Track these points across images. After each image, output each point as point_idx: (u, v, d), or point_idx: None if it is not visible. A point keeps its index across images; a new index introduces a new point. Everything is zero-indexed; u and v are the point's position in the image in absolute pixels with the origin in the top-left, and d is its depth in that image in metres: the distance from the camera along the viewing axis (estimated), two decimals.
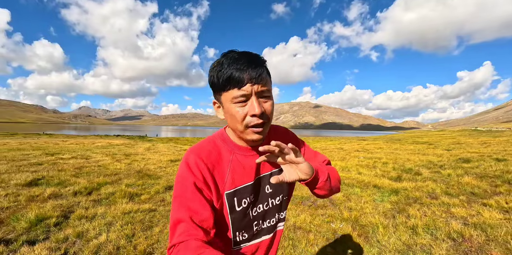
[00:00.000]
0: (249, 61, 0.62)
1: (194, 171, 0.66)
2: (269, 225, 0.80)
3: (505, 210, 2.89)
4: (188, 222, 0.61)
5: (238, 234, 0.74)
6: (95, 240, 1.95)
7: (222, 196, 0.69)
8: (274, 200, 0.79)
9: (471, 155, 8.49)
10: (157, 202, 3.04)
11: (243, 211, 0.72)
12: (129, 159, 7.23)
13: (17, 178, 4.21)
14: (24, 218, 2.34)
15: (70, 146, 12.15)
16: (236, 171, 0.71)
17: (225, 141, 0.73)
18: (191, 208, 0.63)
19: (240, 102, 0.63)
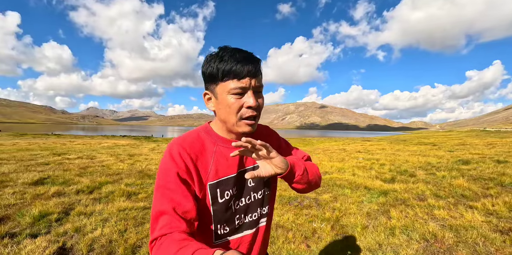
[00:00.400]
0: (248, 57, 0.66)
1: (177, 161, 0.66)
2: (251, 219, 0.80)
3: (489, 212, 2.97)
4: (171, 214, 0.61)
5: (219, 227, 0.74)
6: (90, 234, 2.13)
7: (205, 186, 0.69)
8: (256, 194, 0.79)
9: (472, 157, 8.48)
10: (151, 201, 3.23)
11: (225, 203, 0.72)
12: (133, 159, 7.45)
13: (24, 177, 4.43)
14: (28, 214, 2.53)
15: (77, 146, 12.44)
16: (220, 163, 0.72)
17: (208, 133, 0.75)
18: (174, 199, 0.63)
19: (237, 94, 0.65)
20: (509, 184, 4.25)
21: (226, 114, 0.68)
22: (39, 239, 1.99)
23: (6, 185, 3.96)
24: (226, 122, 0.70)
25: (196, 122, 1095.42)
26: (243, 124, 0.68)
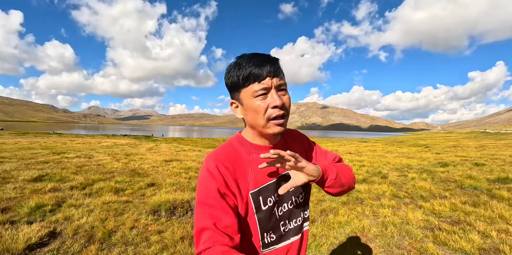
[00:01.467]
0: (265, 58, 0.67)
1: (216, 176, 0.67)
2: (296, 225, 0.80)
3: (433, 212, 3.31)
4: (212, 229, 0.62)
5: (266, 236, 0.73)
6: (77, 221, 2.54)
7: (247, 196, 0.70)
8: (297, 198, 0.80)
9: (454, 159, 8.83)
10: (136, 196, 3.62)
11: (269, 210, 0.72)
12: (128, 158, 7.77)
13: (24, 174, 4.78)
14: (26, 205, 2.94)
15: (77, 145, 12.74)
16: (258, 170, 0.72)
17: (242, 143, 0.75)
18: (214, 215, 0.64)
19: (260, 95, 0.66)
20: (468, 186, 4.61)
21: (254, 118, 0.69)
22: (34, 225, 2.39)
23: (8, 181, 4.32)
24: (256, 126, 0.70)
25: (197, 122, 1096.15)
26: (272, 125, 0.68)
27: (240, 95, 0.69)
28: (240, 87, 0.68)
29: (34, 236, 2.15)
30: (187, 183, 4.50)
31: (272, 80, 0.66)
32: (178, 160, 7.79)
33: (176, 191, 3.83)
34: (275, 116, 0.67)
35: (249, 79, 0.65)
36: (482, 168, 6.81)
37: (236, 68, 0.67)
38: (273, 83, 0.66)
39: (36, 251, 2.03)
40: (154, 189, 4.00)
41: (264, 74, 0.65)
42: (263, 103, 0.66)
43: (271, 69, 0.66)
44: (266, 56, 0.68)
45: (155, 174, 5.32)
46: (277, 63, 0.68)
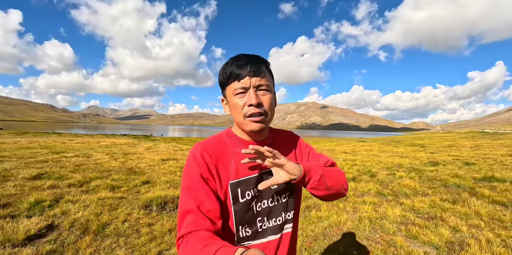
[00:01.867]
0: (249, 59, 0.71)
1: (199, 162, 0.70)
2: (275, 224, 0.79)
3: (412, 208, 3.47)
4: (195, 213, 0.64)
5: (241, 228, 0.74)
6: (73, 215, 2.71)
7: (226, 186, 0.72)
8: (279, 198, 0.79)
9: (446, 159, 9.01)
10: (131, 193, 3.79)
11: (246, 204, 0.74)
12: (126, 157, 7.93)
13: (24, 173, 4.94)
14: (26, 201, 3.11)
15: (76, 145, 12.89)
16: (240, 163, 0.74)
17: (229, 136, 0.79)
18: (198, 198, 0.66)
19: (239, 94, 0.70)
20: (452, 184, 4.79)
21: (235, 115, 0.73)
22: (33, 219, 2.57)
23: (8, 179, 4.48)
24: (237, 123, 0.75)
25: (196, 121, 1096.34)
26: (248, 122, 0.71)
27: (225, 92, 0.74)
28: (225, 85, 0.72)
29: (33, 228, 2.32)
30: (179, 180, 4.68)
31: (251, 80, 0.69)
32: (175, 159, 7.96)
33: (169, 188, 4.01)
34: (250, 113, 0.70)
35: (231, 77, 0.70)
36: (472, 167, 6.99)
37: (223, 67, 0.72)
38: (251, 83, 0.69)
39: (35, 241, 2.20)
40: (149, 187, 4.17)
41: (243, 74, 0.68)
42: (241, 101, 0.70)
43: (251, 69, 0.69)
44: (250, 57, 0.71)
45: (151, 173, 5.49)
46: (259, 64, 0.71)
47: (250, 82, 0.69)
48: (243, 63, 0.69)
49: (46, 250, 2.03)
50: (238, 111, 0.71)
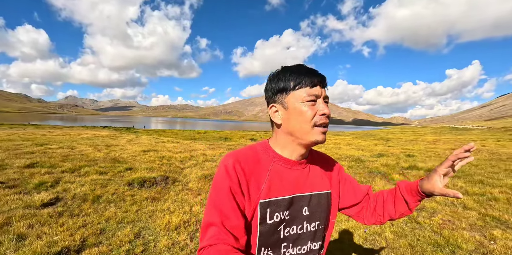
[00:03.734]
0: (315, 70, 0.71)
1: (231, 174, 0.67)
2: (299, 253, 0.76)
3: None
4: (219, 227, 0.63)
5: (263, 250, 0.71)
6: (73, 191, 3.59)
7: (256, 204, 0.68)
8: (309, 225, 0.76)
9: (395, 151, 10.32)
10: (116, 177, 4.65)
11: (274, 226, 0.70)
12: (109, 149, 8.49)
13: (17, 162, 5.50)
14: (31, 182, 3.91)
15: (57, 137, 13.07)
16: (274, 182, 0.70)
17: (267, 151, 0.75)
18: (223, 213, 0.65)
19: (310, 101, 0.67)
20: (375, 171, 5.97)
21: (299, 122, 0.68)
22: (42, 193, 3.41)
23: (5, 167, 5.08)
24: (297, 132, 0.69)
25: (180, 113, 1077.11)
26: (317, 131, 0.68)
27: (287, 98, 0.69)
28: (289, 90, 0.68)
29: (45, 199, 3.19)
30: (158, 167, 5.57)
31: (322, 89, 0.69)
32: (156, 150, 8.67)
33: (148, 173, 4.90)
34: (321, 123, 0.67)
35: (301, 83, 0.67)
36: (410, 158, 8.29)
37: (288, 73, 0.69)
38: (322, 93, 0.69)
39: (49, 206, 3.08)
40: (131, 172, 5.03)
41: (316, 82, 0.68)
42: (312, 109, 0.67)
43: (322, 79, 0.70)
44: (315, 69, 0.72)
45: (133, 161, 6.30)
46: (325, 78, 0.72)
47: (321, 91, 0.69)
48: (314, 72, 0.69)
49: (59, 210, 2.92)
50: (306, 119, 0.67)
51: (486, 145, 13.92)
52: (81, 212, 2.95)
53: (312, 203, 0.76)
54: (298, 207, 0.74)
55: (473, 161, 5.35)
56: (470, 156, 0.66)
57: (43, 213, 2.82)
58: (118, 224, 2.69)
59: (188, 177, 4.91)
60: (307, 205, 0.75)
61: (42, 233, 2.35)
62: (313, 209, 0.76)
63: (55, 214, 2.82)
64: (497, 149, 11.40)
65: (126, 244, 2.27)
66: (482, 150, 10.94)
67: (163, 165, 5.95)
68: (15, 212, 2.80)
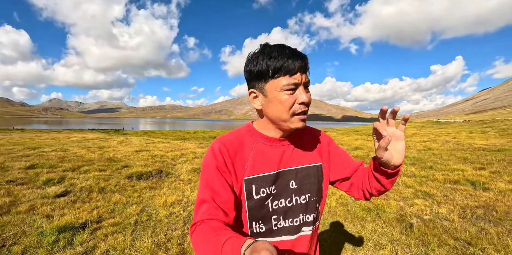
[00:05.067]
0: (297, 52, 0.67)
1: (217, 155, 0.72)
2: (292, 225, 0.79)
3: None
4: (210, 203, 0.68)
5: (254, 224, 0.76)
6: (80, 185, 4.17)
7: (241, 181, 0.73)
8: (298, 198, 0.79)
9: (371, 145, 11.07)
10: (115, 173, 5.22)
11: (260, 201, 0.74)
12: (102, 150, 8.82)
13: (17, 164, 5.82)
14: (39, 180, 4.43)
15: (47, 141, 13.15)
16: (258, 159, 0.75)
17: (250, 132, 0.79)
18: (214, 189, 0.70)
19: (289, 90, 0.65)
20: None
21: (278, 111, 0.68)
22: (52, 187, 3.97)
23: (7, 169, 5.46)
24: (277, 120, 0.71)
25: (169, 114, 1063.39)
26: (296, 120, 0.69)
27: (266, 85, 0.68)
28: (268, 78, 0.67)
29: (57, 191, 3.76)
30: (152, 164, 6.16)
31: (302, 76, 0.66)
32: (148, 150, 9.15)
33: (144, 168, 5.49)
34: (300, 111, 0.68)
35: (281, 71, 0.64)
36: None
37: (267, 57, 0.65)
38: (302, 79, 0.66)
39: (61, 197, 3.65)
40: (128, 169, 5.59)
41: (296, 68, 0.64)
42: (291, 97, 0.66)
43: (302, 64, 0.66)
44: (296, 50, 0.68)
45: (128, 160, 6.83)
46: (307, 59, 0.68)
47: (301, 78, 0.66)
48: (294, 56, 0.65)
49: (72, 199, 3.51)
50: (286, 107, 0.67)
51: (457, 137, 15.00)
52: (91, 199, 3.56)
53: (300, 177, 0.78)
54: (285, 181, 0.77)
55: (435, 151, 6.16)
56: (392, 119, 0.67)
57: (60, 201, 3.41)
58: (125, 205, 3.34)
59: (179, 171, 5.53)
60: (294, 178, 0.78)
61: (65, 213, 2.96)
62: (301, 182, 0.78)
63: (70, 201, 3.42)
64: (465, 140, 12.41)
65: (134, 216, 2.94)
66: (450, 141, 11.95)
67: (156, 162, 6.53)
68: (36, 201, 3.37)
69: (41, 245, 2.29)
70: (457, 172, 4.98)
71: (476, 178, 4.46)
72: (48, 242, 2.32)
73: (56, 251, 2.21)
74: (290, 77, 0.65)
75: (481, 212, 3.04)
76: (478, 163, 5.96)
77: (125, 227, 2.71)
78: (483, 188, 3.99)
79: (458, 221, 2.83)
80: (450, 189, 3.98)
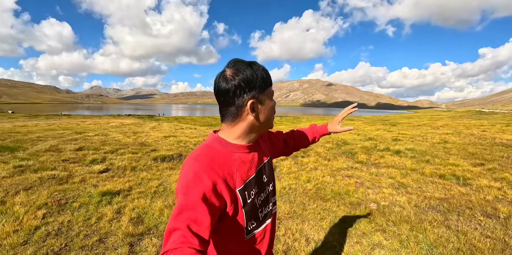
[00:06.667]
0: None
1: (204, 179, 0.69)
2: (268, 209, 0.93)
3: (299, 164, 5.93)
4: (184, 230, 0.63)
5: (249, 224, 0.84)
6: (117, 164, 5.23)
7: (235, 193, 0.77)
8: (268, 187, 0.93)
9: (388, 136, 11.06)
10: (145, 155, 6.26)
11: (252, 202, 0.83)
12: (136, 136, 9.95)
13: (68, 147, 6.99)
14: (87, 159, 5.56)
15: (90, 126, 14.87)
16: (241, 168, 0.81)
17: (222, 144, 0.80)
18: (191, 217, 0.65)
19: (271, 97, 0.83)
20: (347, 151, 7.11)
21: (269, 116, 0.82)
22: (97, 165, 5.07)
23: (61, 151, 6.71)
24: (266, 124, 0.84)
25: (199, 100, 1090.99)
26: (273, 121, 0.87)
27: (264, 93, 0.77)
28: (263, 89, 0.77)
29: (101, 168, 4.84)
30: (175, 148, 7.15)
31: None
32: (175, 136, 10.11)
33: (168, 152, 6.48)
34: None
35: (269, 82, 0.79)
36: (393, 142, 9.17)
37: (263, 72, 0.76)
38: None
39: (103, 173, 4.70)
40: (155, 152, 6.61)
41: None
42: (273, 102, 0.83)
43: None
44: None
45: (156, 145, 7.88)
46: None
47: None
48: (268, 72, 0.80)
49: (111, 174, 4.56)
50: (273, 111, 0.83)
51: (487, 130, 14.19)
52: (125, 175, 4.58)
53: (267, 170, 0.92)
54: (261, 178, 0.89)
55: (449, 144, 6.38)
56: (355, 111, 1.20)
57: (102, 176, 4.47)
58: (149, 180, 4.32)
59: None
60: (265, 173, 0.91)
61: (106, 184, 3.99)
62: (268, 173, 0.93)
63: (110, 176, 4.46)
64: (493, 134, 11.79)
65: (154, 187, 3.91)
66: (475, 134, 11.47)
67: (180, 147, 7.52)
68: (85, 175, 4.45)
69: (91, 203, 3.31)
70: (450, 167, 5.24)
71: (463, 174, 4.74)
72: (95, 201, 3.34)
73: (100, 207, 3.22)
74: (271, 86, 0.81)
75: (437, 203, 3.47)
76: (481, 159, 6.08)
77: (146, 194, 3.67)
78: (463, 183, 4.29)
79: (409, 208, 3.31)
80: (430, 182, 4.35)
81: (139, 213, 3.06)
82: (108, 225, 2.76)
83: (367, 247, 2.46)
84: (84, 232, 2.59)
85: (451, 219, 2.99)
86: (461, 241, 2.49)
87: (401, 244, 2.48)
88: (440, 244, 2.46)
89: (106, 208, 3.15)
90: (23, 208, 3.03)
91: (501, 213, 3.09)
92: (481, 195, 3.71)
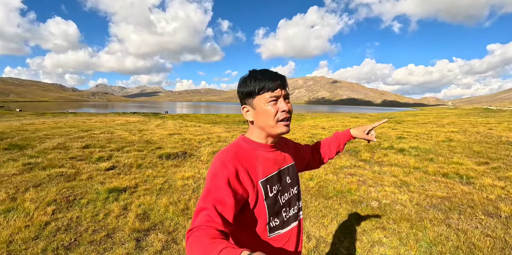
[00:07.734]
0: (276, 73, 0.87)
1: (229, 166, 0.80)
2: (294, 212, 0.97)
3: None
4: (210, 210, 0.70)
5: (271, 219, 0.88)
6: (123, 162, 5.34)
7: (257, 184, 0.84)
8: (293, 190, 0.98)
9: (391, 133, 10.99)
10: (150, 153, 6.37)
11: (274, 197, 0.89)
12: (141, 133, 10.14)
13: (75, 144, 7.14)
14: (93, 157, 5.68)
15: (96, 124, 15.09)
16: (264, 163, 0.89)
17: (248, 142, 0.91)
18: (217, 198, 0.74)
19: (271, 102, 0.84)
20: (353, 150, 7.11)
21: (265, 120, 0.86)
22: (103, 163, 5.17)
23: (69, 148, 6.83)
24: (266, 127, 0.87)
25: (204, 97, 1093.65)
26: (280, 125, 0.86)
27: (253, 101, 0.85)
28: (255, 95, 0.84)
29: (107, 166, 4.94)
30: (180, 146, 7.24)
31: (281, 91, 0.85)
32: (179, 133, 10.25)
33: (172, 150, 6.57)
34: (282, 118, 0.85)
35: (264, 88, 0.83)
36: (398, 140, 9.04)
37: (253, 80, 0.84)
38: (282, 93, 0.85)
39: (110, 170, 4.80)
40: (160, 150, 6.72)
41: (275, 86, 0.83)
42: (274, 107, 0.84)
43: (281, 82, 0.85)
44: (277, 73, 0.88)
45: (161, 142, 7.99)
46: (284, 78, 0.88)
47: (281, 92, 0.85)
48: (274, 78, 0.84)
49: (117, 172, 4.66)
50: (271, 116, 0.84)
51: (493, 128, 14.00)
52: (131, 173, 4.68)
53: (290, 173, 0.97)
54: (284, 178, 0.94)
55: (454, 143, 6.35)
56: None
57: (109, 173, 4.58)
58: (154, 177, 4.41)
59: (201, 152, 6.53)
60: (288, 175, 0.96)
61: (112, 181, 4.09)
62: (291, 177, 0.98)
63: (116, 174, 4.57)
64: (499, 132, 11.66)
65: (159, 185, 4.00)
66: (481, 133, 11.35)
67: (184, 145, 7.61)
68: (92, 172, 4.57)
69: (98, 199, 3.41)
70: (453, 166, 5.22)
71: (467, 172, 4.72)
72: (102, 198, 3.45)
73: (107, 203, 3.33)
74: (272, 92, 0.84)
75: (438, 201, 3.48)
76: (486, 157, 6.04)
77: (152, 191, 3.76)
78: (466, 182, 4.28)
79: (410, 206, 3.33)
80: (432, 181, 4.36)
81: (145, 209, 3.15)
82: (115, 221, 2.85)
83: (367, 244, 2.50)
84: (92, 228, 2.69)
85: (452, 217, 3.01)
86: (461, 240, 2.52)
87: (401, 241, 2.52)
88: (439, 242, 2.49)
89: (113, 205, 3.24)
90: (33, 204, 3.14)
91: (502, 212, 3.10)
92: (484, 194, 3.71)
